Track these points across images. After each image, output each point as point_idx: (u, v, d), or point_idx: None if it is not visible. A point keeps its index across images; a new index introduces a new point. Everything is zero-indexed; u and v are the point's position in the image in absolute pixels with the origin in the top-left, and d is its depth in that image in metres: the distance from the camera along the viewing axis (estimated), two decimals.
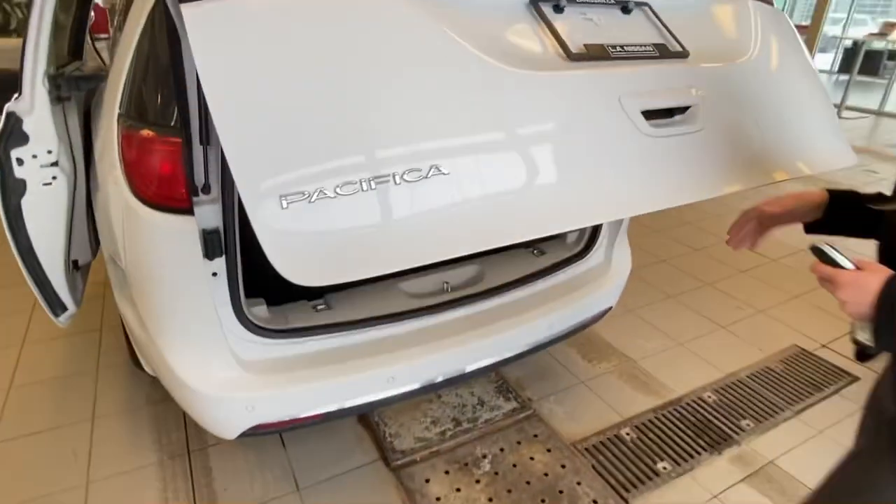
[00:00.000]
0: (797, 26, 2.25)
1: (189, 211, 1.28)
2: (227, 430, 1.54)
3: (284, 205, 0.93)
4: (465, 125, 1.09)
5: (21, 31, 5.22)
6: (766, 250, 3.54)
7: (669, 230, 3.88)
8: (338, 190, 0.96)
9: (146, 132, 1.28)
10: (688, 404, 2.22)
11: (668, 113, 1.30)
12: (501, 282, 1.87)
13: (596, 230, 2.09)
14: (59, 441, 1.95)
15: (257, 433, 1.55)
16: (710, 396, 2.26)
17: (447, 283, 1.87)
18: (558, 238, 2.19)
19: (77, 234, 1.89)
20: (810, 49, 7.94)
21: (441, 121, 1.08)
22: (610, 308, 2.16)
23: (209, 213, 1.32)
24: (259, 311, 1.59)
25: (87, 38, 2.41)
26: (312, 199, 0.95)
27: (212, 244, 1.34)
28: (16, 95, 1.51)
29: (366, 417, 2.07)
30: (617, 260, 2.14)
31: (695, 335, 2.69)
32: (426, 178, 1.02)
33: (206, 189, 1.30)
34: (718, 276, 3.26)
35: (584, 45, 1.26)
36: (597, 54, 1.26)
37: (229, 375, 1.47)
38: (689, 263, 3.41)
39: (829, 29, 9.75)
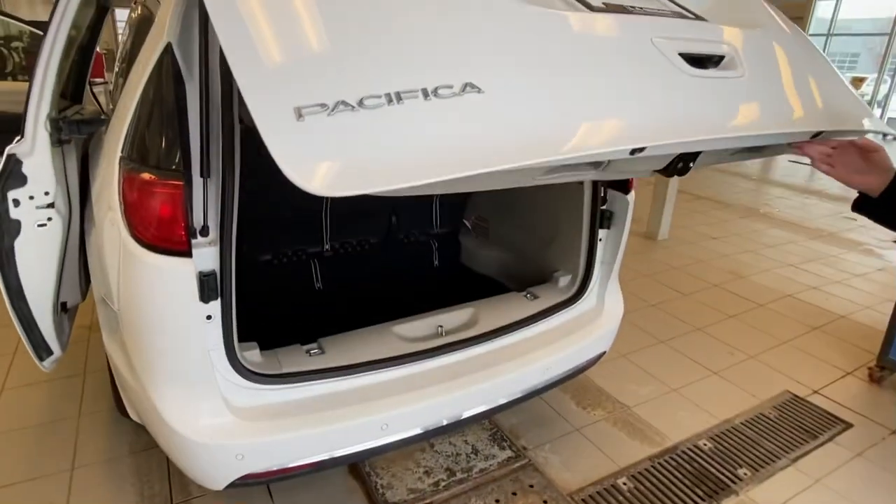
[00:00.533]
0: None
1: (186, 253, 1.28)
2: (216, 480, 1.48)
3: (300, 117, 0.84)
4: (499, 51, 1.04)
5: (16, 74, 5.31)
6: (753, 295, 3.59)
7: (658, 275, 3.93)
8: (363, 102, 0.87)
9: (148, 175, 1.29)
10: (684, 452, 2.19)
11: (701, 63, 1.24)
12: (496, 326, 1.87)
13: (587, 274, 2.12)
14: (35, 493, 1.86)
15: (246, 483, 1.50)
16: (705, 444, 2.24)
17: (441, 326, 1.86)
18: (550, 282, 2.21)
19: (68, 276, 1.87)
20: None
21: (475, 42, 1.02)
22: (604, 353, 2.16)
23: (207, 256, 1.33)
24: (252, 355, 1.56)
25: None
26: (332, 112, 0.86)
27: (208, 287, 1.34)
28: (18, 138, 1.52)
29: (357, 468, 2.01)
30: (610, 304, 2.16)
31: (688, 380, 2.69)
32: (459, 95, 0.93)
33: (205, 231, 1.31)
34: (708, 320, 3.28)
35: (604, 3, 1.25)
36: (616, 9, 1.24)
37: (219, 422, 1.43)
38: (679, 308, 3.44)
39: None
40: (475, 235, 2.82)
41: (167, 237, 1.28)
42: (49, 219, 1.66)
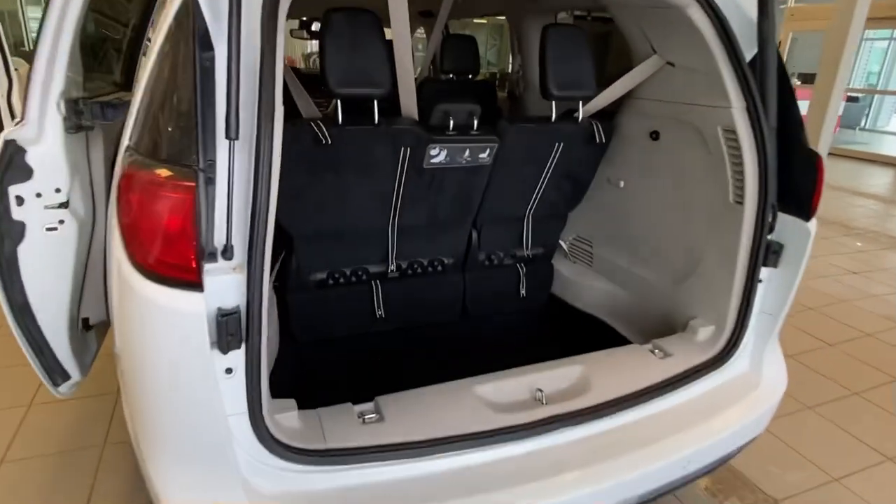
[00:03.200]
0: None
1: (195, 286, 0.88)
2: None
3: None
4: None
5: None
6: None
7: (790, 316, 3.20)
8: None
9: (150, 172, 0.91)
10: None
11: None
12: (616, 394, 1.36)
13: (740, 327, 1.55)
14: None
15: None
16: None
17: (541, 391, 1.37)
18: (684, 333, 1.66)
19: (91, 287, 1.56)
20: None
21: None
22: (756, 437, 1.58)
23: (229, 288, 0.93)
24: (287, 419, 1.15)
25: None
26: None
27: (228, 331, 0.94)
28: (17, 120, 1.21)
29: None
30: (769, 371, 1.58)
31: (852, 467, 2.03)
32: None
33: (228, 253, 0.91)
34: (867, 382, 2.56)
35: None
36: None
37: None
38: (826, 363, 2.73)
39: None
40: (573, 261, 2.30)
41: (171, 261, 0.89)
42: (61, 221, 1.34)
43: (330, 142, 1.43)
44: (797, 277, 1.49)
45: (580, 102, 1.72)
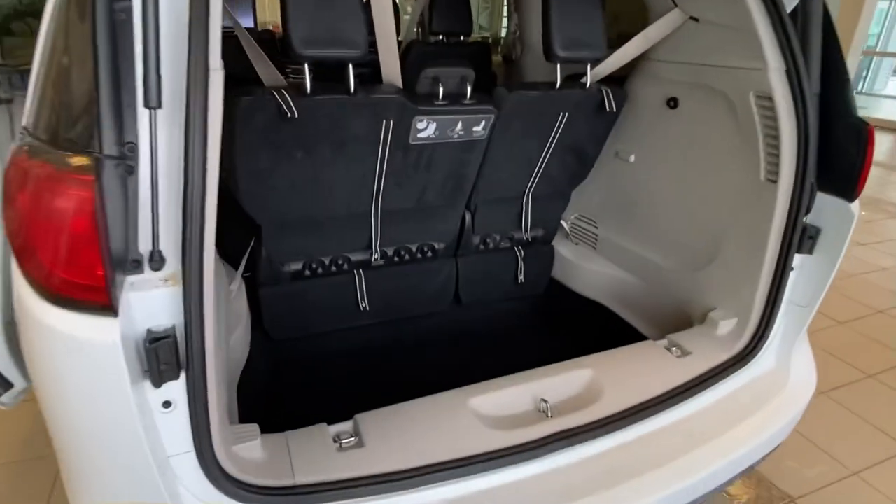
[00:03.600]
0: None
1: (107, 309, 0.68)
2: None
3: None
4: None
5: None
6: None
7: None
8: None
9: (47, 160, 0.70)
10: None
11: None
12: (632, 402, 1.20)
13: (767, 319, 1.38)
14: None
15: None
16: None
17: (545, 402, 1.20)
18: (703, 326, 1.49)
19: None
20: None
21: None
22: (782, 441, 1.43)
23: (160, 305, 0.73)
24: (248, 449, 0.97)
25: None
26: None
27: (161, 359, 0.74)
28: None
29: None
30: (797, 370, 1.42)
31: (871, 458, 1.90)
32: None
33: (156, 261, 0.71)
34: (881, 363, 2.43)
35: None
36: None
37: None
38: (836, 343, 2.59)
39: None
40: (575, 242, 2.11)
41: (74, 280, 0.68)
42: None
43: (297, 115, 1.20)
44: (835, 266, 1.31)
45: (588, 66, 1.49)
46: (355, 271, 1.70)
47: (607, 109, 1.55)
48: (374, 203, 1.54)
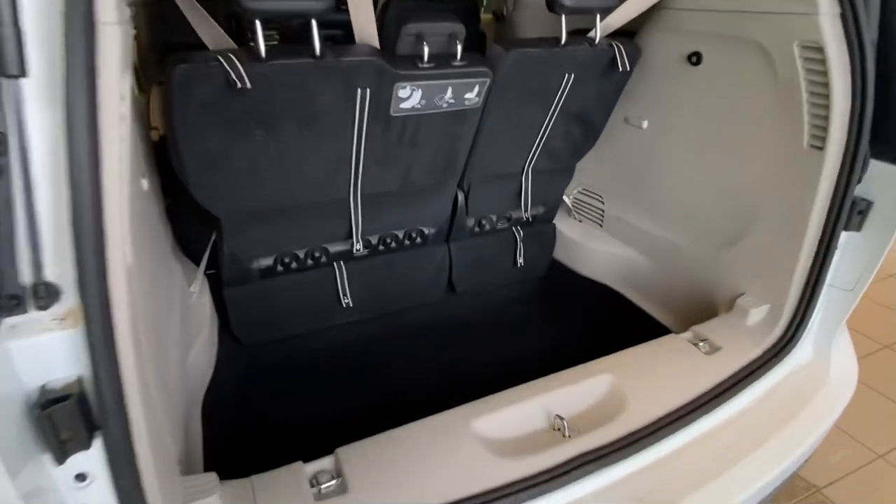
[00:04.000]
0: None
1: None
2: None
3: None
4: None
5: None
6: None
7: None
8: None
9: None
10: None
11: None
12: (661, 410, 1.03)
13: (806, 306, 1.21)
14: None
15: None
16: None
17: (562, 419, 1.02)
18: (730, 314, 1.32)
19: None
20: None
21: None
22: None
23: (53, 352, 0.55)
24: None
25: None
26: None
27: (62, 426, 0.55)
28: None
29: None
30: (839, 361, 1.26)
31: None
32: None
33: (43, 296, 0.52)
34: None
35: None
36: None
37: None
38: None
39: None
40: (578, 219, 1.92)
41: None
42: None
43: (249, 84, 0.97)
44: (888, 244, 1.14)
45: (598, 17, 1.26)
46: (335, 264, 1.49)
47: (620, 69, 1.33)
48: (353, 186, 1.32)
